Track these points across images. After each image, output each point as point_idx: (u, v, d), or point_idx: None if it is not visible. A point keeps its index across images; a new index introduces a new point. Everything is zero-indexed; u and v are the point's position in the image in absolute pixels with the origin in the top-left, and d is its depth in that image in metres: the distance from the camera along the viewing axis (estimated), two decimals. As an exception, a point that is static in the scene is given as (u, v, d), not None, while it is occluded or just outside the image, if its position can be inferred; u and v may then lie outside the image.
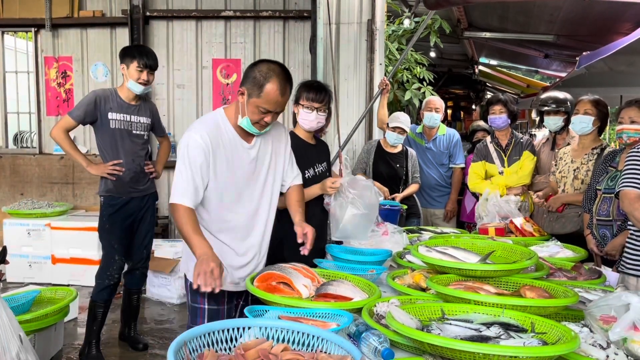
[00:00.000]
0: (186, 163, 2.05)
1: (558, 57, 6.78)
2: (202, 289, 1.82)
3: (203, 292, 2.05)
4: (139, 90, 3.41)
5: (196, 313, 2.17)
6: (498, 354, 1.25)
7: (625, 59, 4.15)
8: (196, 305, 2.18)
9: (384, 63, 5.42)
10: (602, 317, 1.53)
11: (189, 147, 2.05)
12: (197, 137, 2.06)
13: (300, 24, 5.60)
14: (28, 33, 6.00)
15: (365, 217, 2.64)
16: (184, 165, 2.05)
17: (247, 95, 2.07)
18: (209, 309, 2.15)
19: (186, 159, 2.05)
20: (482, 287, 1.79)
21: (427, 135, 4.52)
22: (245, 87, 2.08)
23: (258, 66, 2.07)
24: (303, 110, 2.72)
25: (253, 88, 2.04)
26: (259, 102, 2.04)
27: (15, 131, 6.19)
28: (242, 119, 2.10)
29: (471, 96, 12.50)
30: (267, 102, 2.04)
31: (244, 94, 2.08)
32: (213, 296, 2.10)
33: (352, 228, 2.62)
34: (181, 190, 2.04)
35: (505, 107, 3.88)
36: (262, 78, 2.03)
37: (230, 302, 2.23)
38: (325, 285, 1.97)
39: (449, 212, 4.53)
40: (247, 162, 2.18)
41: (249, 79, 2.06)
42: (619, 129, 2.84)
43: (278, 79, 2.04)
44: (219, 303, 2.18)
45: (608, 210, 2.80)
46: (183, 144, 2.08)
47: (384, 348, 1.40)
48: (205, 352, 1.37)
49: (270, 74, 2.03)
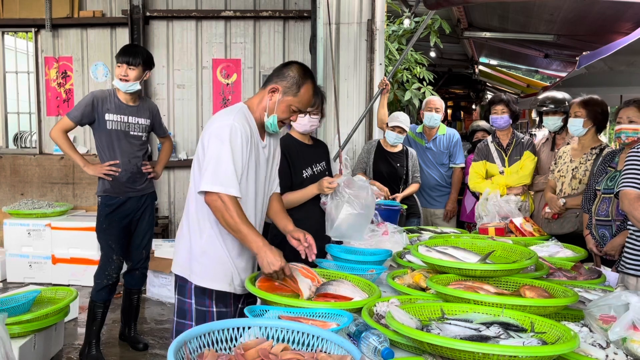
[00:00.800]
0: (228, 149, 1.92)
1: (558, 57, 6.78)
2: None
3: (211, 294, 2.06)
4: (122, 87, 3.38)
5: (205, 317, 2.09)
6: (498, 353, 1.25)
7: (625, 58, 4.15)
8: (204, 309, 2.10)
9: (384, 63, 5.42)
10: (601, 317, 1.53)
11: (231, 133, 1.94)
12: (238, 125, 1.96)
13: (300, 24, 5.61)
14: (28, 33, 6.00)
15: (361, 217, 2.62)
16: (226, 151, 1.92)
17: (281, 93, 2.05)
18: (217, 312, 2.09)
19: (227, 144, 1.92)
20: (481, 287, 1.79)
21: (427, 135, 4.52)
22: (280, 84, 2.06)
23: (292, 66, 2.09)
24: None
25: (291, 87, 2.05)
26: (294, 101, 2.06)
27: (16, 131, 6.19)
28: (269, 117, 2.07)
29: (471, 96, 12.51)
30: (300, 102, 2.08)
31: (276, 91, 2.06)
32: (221, 298, 2.08)
33: (347, 228, 2.60)
34: (226, 179, 1.91)
35: (507, 107, 3.88)
36: (300, 78, 2.05)
37: (235, 305, 2.18)
38: (325, 285, 1.97)
39: (448, 212, 4.53)
40: (263, 161, 2.15)
41: (284, 78, 2.06)
42: (618, 129, 2.84)
43: (313, 82, 2.11)
44: (227, 305, 2.13)
45: (607, 210, 2.80)
46: (224, 129, 1.95)
47: (383, 348, 1.40)
48: (205, 352, 1.38)
49: (307, 76, 2.08)
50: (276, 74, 2.09)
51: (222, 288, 2.09)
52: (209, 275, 2.08)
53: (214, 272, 2.08)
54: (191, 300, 2.12)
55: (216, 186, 1.92)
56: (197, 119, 5.85)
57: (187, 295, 2.12)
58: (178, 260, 2.16)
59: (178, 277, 2.16)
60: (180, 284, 2.15)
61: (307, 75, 2.09)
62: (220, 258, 2.08)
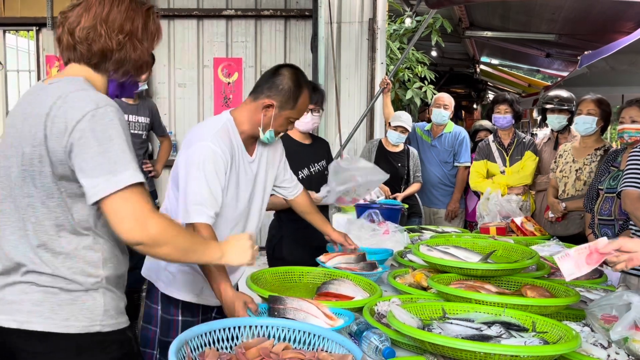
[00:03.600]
0: (203, 176, 1.74)
1: (559, 57, 6.77)
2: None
3: (177, 303, 1.96)
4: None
5: (169, 326, 1.98)
6: (499, 353, 1.25)
7: (627, 58, 4.14)
8: (169, 317, 1.99)
9: (386, 62, 5.41)
10: (603, 317, 1.52)
11: (206, 161, 1.76)
12: (217, 149, 1.79)
13: (301, 22, 5.60)
14: (30, 32, 6.00)
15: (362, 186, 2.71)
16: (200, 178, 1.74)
17: (277, 108, 1.88)
18: (183, 321, 1.97)
19: (202, 171, 1.74)
20: (483, 287, 1.79)
21: (434, 132, 4.43)
22: (274, 99, 1.88)
23: (284, 75, 1.90)
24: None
25: (287, 100, 1.89)
26: (292, 114, 1.92)
27: (17, 130, 6.19)
28: (265, 132, 1.92)
29: (472, 95, 12.49)
30: (299, 113, 1.94)
31: (272, 106, 1.88)
32: (187, 307, 1.98)
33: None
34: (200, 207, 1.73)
35: (510, 107, 3.87)
36: (295, 88, 1.89)
37: (205, 314, 2.04)
38: (327, 284, 1.97)
39: (450, 212, 4.42)
40: (250, 179, 1.98)
41: (278, 91, 1.88)
42: (620, 129, 2.83)
43: (307, 88, 1.95)
44: (194, 315, 2.01)
45: (610, 210, 2.79)
46: (199, 155, 1.77)
47: (385, 347, 1.40)
48: (206, 351, 1.38)
49: (301, 83, 1.92)
50: (267, 85, 1.90)
51: (189, 299, 1.97)
52: (177, 285, 1.95)
53: (182, 283, 1.95)
54: (157, 307, 2.01)
55: (190, 216, 1.75)
56: (198, 118, 5.84)
57: (154, 301, 2.02)
58: (147, 264, 2.04)
59: (147, 280, 2.06)
60: (149, 287, 2.05)
61: (301, 82, 1.92)
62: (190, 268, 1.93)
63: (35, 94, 1.37)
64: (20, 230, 1.33)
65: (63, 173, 1.29)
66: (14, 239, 1.33)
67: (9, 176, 1.35)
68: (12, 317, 1.30)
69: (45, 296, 1.30)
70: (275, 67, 1.96)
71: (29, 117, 1.32)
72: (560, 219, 3.36)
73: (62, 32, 1.37)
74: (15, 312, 1.30)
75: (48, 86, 1.35)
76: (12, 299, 1.31)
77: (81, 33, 1.34)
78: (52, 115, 1.27)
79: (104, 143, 1.24)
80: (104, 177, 1.22)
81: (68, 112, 1.26)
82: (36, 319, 1.29)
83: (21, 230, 1.33)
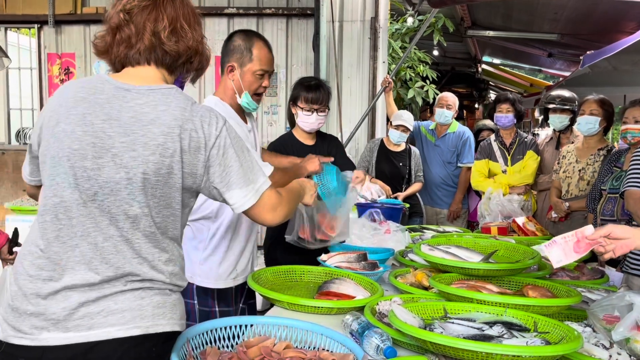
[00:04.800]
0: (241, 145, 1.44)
1: (562, 56, 6.76)
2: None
3: (213, 294, 2.00)
4: None
5: (208, 317, 2.01)
6: (501, 353, 1.24)
7: (630, 58, 4.14)
8: (207, 309, 2.04)
9: (387, 61, 5.41)
10: (605, 317, 1.52)
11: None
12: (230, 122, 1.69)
13: (303, 21, 5.59)
14: (31, 29, 6.00)
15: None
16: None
17: (238, 66, 1.98)
18: (220, 311, 2.05)
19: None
20: (484, 286, 1.79)
21: (438, 132, 4.40)
22: (232, 60, 1.98)
23: (234, 37, 2.02)
24: (303, 112, 2.66)
25: (243, 56, 1.97)
26: (254, 66, 1.98)
27: (18, 127, 6.19)
28: (242, 96, 1.99)
29: (474, 95, 12.48)
30: (261, 63, 1.99)
31: (233, 68, 1.98)
32: (222, 297, 2.05)
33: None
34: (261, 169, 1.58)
35: (512, 106, 3.86)
36: (246, 42, 1.98)
37: (237, 304, 2.13)
38: (328, 283, 1.97)
39: (452, 213, 4.38)
40: (252, 146, 2.05)
41: (232, 52, 1.99)
42: (623, 129, 2.82)
43: (260, 38, 2.01)
44: (229, 304, 2.08)
45: (612, 210, 2.79)
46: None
47: (386, 346, 1.40)
48: (207, 349, 1.38)
49: (252, 36, 2.00)
50: (224, 53, 2.02)
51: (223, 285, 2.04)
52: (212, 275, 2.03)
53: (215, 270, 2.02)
54: (194, 301, 2.05)
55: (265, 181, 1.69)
56: (200, 116, 5.84)
57: (189, 297, 2.04)
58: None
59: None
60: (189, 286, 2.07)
61: (251, 35, 2.01)
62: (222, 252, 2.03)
63: (121, 98, 1.29)
64: (119, 237, 1.25)
65: (190, 185, 1.32)
66: (109, 245, 1.25)
67: (94, 179, 1.24)
68: (134, 325, 1.22)
69: (164, 298, 1.28)
70: (226, 38, 2.06)
71: (135, 124, 1.25)
72: (564, 219, 3.36)
73: (140, 33, 1.32)
74: (136, 319, 1.23)
75: (142, 92, 1.29)
76: (120, 307, 1.23)
77: (166, 33, 1.33)
78: (188, 129, 1.28)
79: (241, 155, 1.35)
80: (249, 186, 1.36)
81: (203, 127, 1.30)
82: (162, 320, 1.26)
83: (121, 237, 1.25)
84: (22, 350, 1.21)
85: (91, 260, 1.23)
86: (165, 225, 1.30)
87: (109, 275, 1.23)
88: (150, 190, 1.26)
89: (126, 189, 1.24)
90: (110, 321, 1.20)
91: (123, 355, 1.20)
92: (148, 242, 1.27)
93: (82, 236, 1.24)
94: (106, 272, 1.23)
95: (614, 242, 1.50)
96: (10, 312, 1.24)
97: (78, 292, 1.21)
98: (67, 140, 1.26)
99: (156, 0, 1.34)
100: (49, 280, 1.23)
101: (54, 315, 1.20)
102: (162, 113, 1.27)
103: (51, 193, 1.27)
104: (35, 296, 1.22)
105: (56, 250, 1.24)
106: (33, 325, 1.21)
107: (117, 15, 1.32)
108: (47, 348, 1.19)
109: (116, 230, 1.25)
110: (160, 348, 1.25)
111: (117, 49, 1.34)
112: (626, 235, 1.50)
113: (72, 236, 1.24)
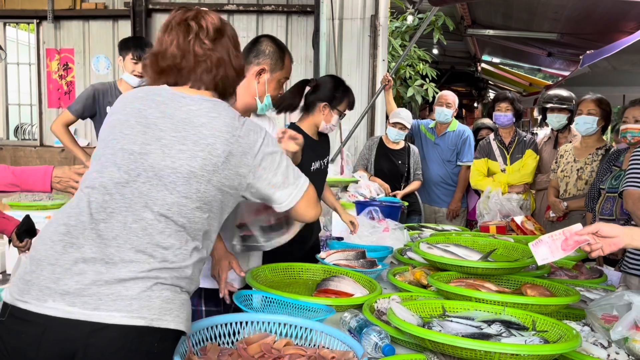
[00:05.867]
0: (279, 150, 1.52)
1: (561, 56, 6.77)
2: None
3: (200, 293, 1.95)
4: (134, 82, 3.38)
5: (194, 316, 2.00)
6: (499, 351, 1.25)
7: (629, 58, 4.14)
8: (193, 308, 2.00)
9: (387, 59, 5.40)
10: (603, 316, 1.52)
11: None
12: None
13: (303, 18, 5.59)
14: (30, 24, 5.98)
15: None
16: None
17: (269, 71, 1.97)
18: (206, 311, 2.00)
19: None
20: (483, 285, 1.79)
21: (438, 130, 4.39)
22: (264, 63, 1.96)
23: (265, 41, 2.02)
24: (336, 115, 2.57)
25: (276, 62, 1.98)
26: (282, 74, 2.01)
27: (17, 123, 6.18)
28: (264, 99, 1.97)
29: (473, 94, 12.47)
30: (287, 72, 2.04)
31: (264, 70, 1.96)
32: (210, 297, 1.99)
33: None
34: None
35: (512, 105, 3.86)
36: (280, 50, 2.00)
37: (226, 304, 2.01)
38: (326, 280, 1.97)
39: (451, 212, 4.37)
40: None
41: (265, 55, 1.97)
42: (623, 129, 2.82)
43: (287, 50, 2.07)
44: (217, 304, 2.00)
45: (611, 209, 2.79)
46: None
47: (384, 344, 1.40)
48: (208, 346, 1.38)
49: (282, 46, 2.04)
50: (253, 54, 1.98)
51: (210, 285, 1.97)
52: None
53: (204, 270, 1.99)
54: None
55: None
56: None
57: None
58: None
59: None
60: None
61: (281, 45, 2.05)
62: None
63: (177, 101, 1.38)
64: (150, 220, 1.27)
65: (236, 186, 1.39)
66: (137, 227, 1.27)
67: (140, 162, 1.30)
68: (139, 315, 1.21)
69: (174, 294, 1.29)
70: (254, 39, 2.06)
71: (187, 124, 1.33)
72: (562, 218, 3.36)
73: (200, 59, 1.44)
74: (143, 309, 1.22)
75: (196, 100, 1.38)
76: (130, 294, 1.22)
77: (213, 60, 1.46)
78: (237, 135, 1.36)
79: (281, 159, 1.46)
80: (292, 186, 1.46)
81: (250, 135, 1.39)
82: (168, 317, 1.26)
83: (151, 221, 1.27)
84: (26, 315, 1.21)
85: (115, 237, 1.25)
86: (195, 221, 1.32)
87: (128, 256, 1.24)
88: (194, 185, 1.30)
89: (169, 177, 1.30)
90: (117, 306, 1.20)
91: (124, 345, 1.20)
92: (174, 233, 1.29)
93: (112, 213, 1.27)
94: (126, 253, 1.24)
95: (601, 240, 1.50)
96: (22, 278, 1.26)
97: (93, 268, 1.22)
98: (120, 126, 1.35)
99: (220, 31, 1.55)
100: (70, 245, 1.24)
101: (65, 287, 1.21)
102: (213, 119, 1.36)
103: (94, 169, 1.34)
104: (50, 264, 1.24)
105: (83, 220, 1.27)
106: (40, 291, 1.22)
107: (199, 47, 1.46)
108: (49, 320, 1.19)
109: (150, 214, 1.28)
110: (162, 345, 1.25)
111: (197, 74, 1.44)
112: (614, 234, 1.50)
113: (101, 211, 1.27)
